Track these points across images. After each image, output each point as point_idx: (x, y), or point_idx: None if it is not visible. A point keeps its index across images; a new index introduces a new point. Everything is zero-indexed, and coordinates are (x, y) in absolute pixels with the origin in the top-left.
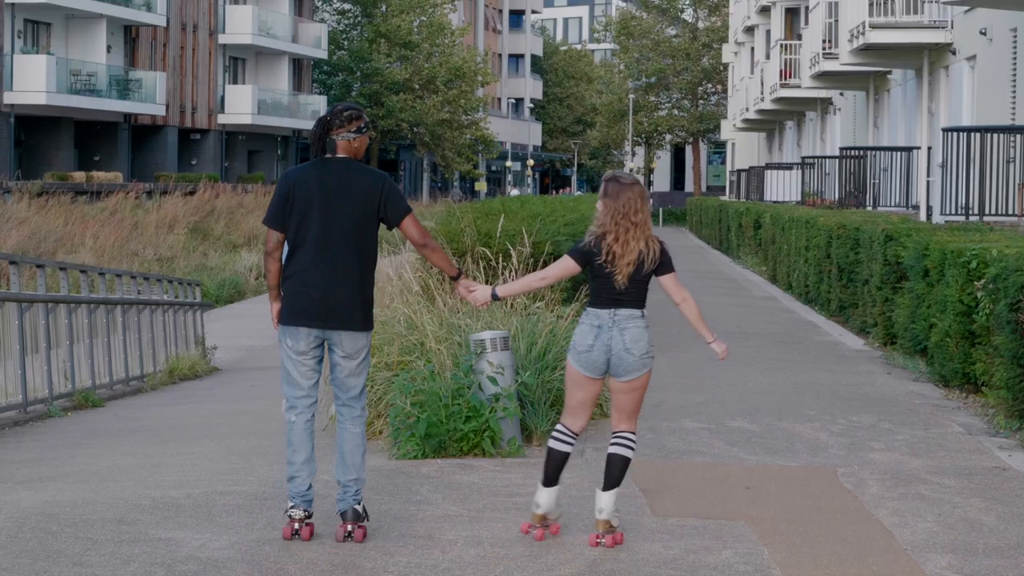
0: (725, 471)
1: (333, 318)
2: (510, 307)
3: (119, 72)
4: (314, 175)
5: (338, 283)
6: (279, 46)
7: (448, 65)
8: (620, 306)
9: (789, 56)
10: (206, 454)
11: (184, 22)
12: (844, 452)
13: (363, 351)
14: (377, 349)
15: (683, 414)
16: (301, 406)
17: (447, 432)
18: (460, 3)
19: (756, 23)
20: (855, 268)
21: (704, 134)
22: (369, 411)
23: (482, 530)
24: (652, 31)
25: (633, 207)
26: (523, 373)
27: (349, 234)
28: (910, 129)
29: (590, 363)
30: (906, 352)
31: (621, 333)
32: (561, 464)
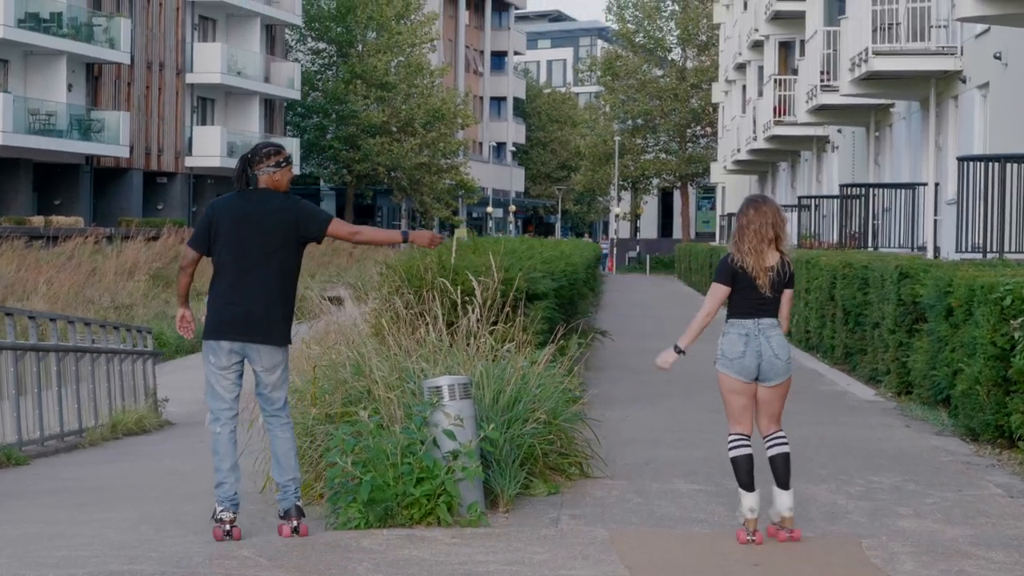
0: (728, 544)
1: (252, 333)
2: (475, 351)
3: (80, 112)
4: (237, 204)
5: (257, 301)
6: (250, 86)
7: (427, 107)
8: (762, 315)
9: (783, 92)
10: (116, 522)
11: (149, 60)
12: (867, 519)
13: (281, 365)
14: (318, 398)
15: (676, 473)
16: (224, 418)
17: (395, 497)
18: (440, 44)
19: (748, 59)
20: (863, 310)
21: (693, 178)
22: (309, 471)
23: None
24: (638, 71)
25: (772, 227)
26: (486, 426)
27: (268, 257)
28: (915, 165)
29: (744, 369)
30: (925, 403)
31: (768, 340)
32: (751, 468)
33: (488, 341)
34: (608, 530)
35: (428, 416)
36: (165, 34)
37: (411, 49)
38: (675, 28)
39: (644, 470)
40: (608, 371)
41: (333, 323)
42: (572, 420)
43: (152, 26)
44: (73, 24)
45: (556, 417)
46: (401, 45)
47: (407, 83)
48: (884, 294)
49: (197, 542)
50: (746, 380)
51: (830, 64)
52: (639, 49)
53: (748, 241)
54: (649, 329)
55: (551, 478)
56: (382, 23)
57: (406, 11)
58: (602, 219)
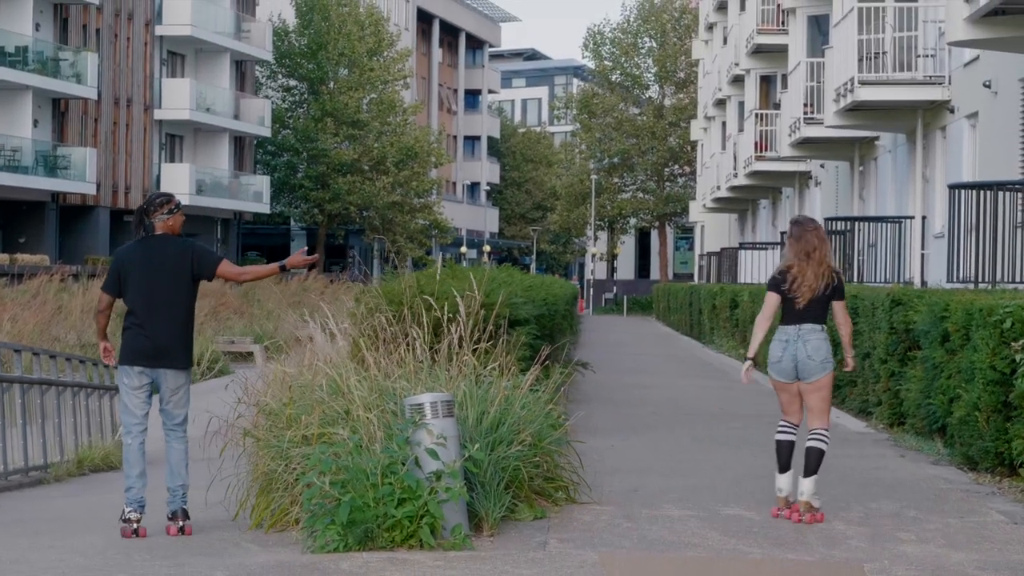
0: (724, 568)
1: (160, 359)
2: (457, 371)
3: (46, 148)
4: (139, 251)
5: (163, 335)
6: (219, 123)
7: (399, 145)
8: (804, 322)
9: (765, 127)
10: (81, 548)
11: (117, 95)
12: (867, 544)
13: (184, 386)
14: (293, 420)
15: (666, 499)
16: (135, 431)
17: (375, 518)
18: (413, 82)
19: (728, 94)
20: (854, 341)
21: (671, 217)
22: (284, 495)
23: None
24: (615, 109)
25: (812, 245)
26: (471, 446)
27: (169, 294)
28: (901, 199)
29: (782, 371)
30: (919, 433)
31: (804, 344)
32: (790, 452)
33: (471, 362)
34: (598, 553)
35: (410, 435)
36: (133, 69)
37: (383, 86)
38: (652, 65)
39: (632, 496)
40: (590, 403)
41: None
42: (558, 444)
43: (120, 61)
44: (39, 58)
45: (541, 440)
46: (373, 82)
47: (379, 120)
48: (875, 323)
49: (167, 566)
50: (786, 380)
51: (813, 96)
52: (616, 86)
53: (792, 260)
54: (629, 365)
55: (537, 503)
56: (354, 59)
57: (378, 47)
58: (578, 260)
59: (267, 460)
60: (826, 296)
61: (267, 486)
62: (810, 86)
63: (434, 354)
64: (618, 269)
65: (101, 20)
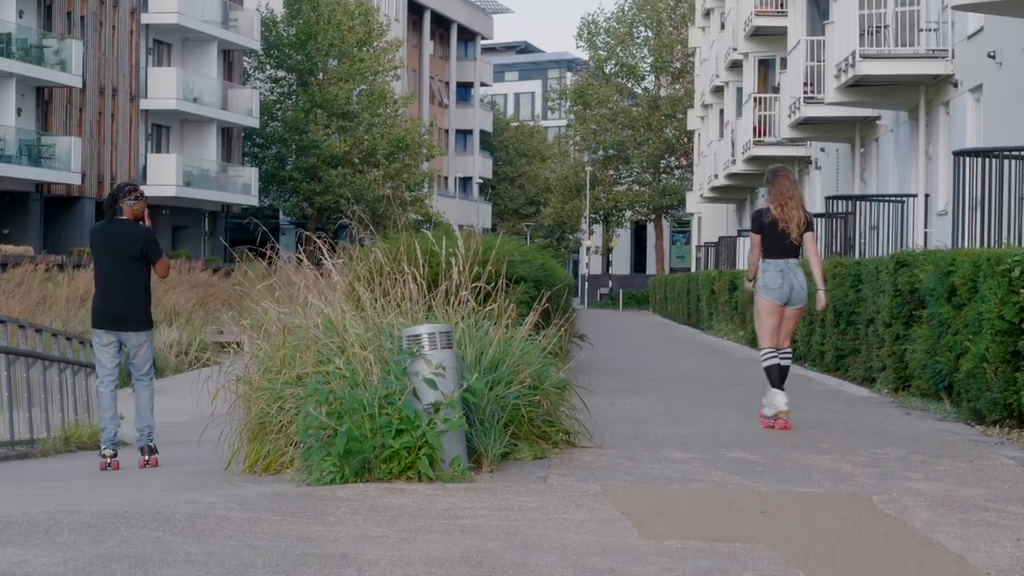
0: (731, 497)
1: (121, 323)
2: (453, 310)
3: (30, 137)
4: (107, 230)
5: (121, 302)
6: (207, 112)
7: (390, 136)
8: (789, 256)
9: (763, 112)
10: (72, 488)
11: (102, 84)
12: (876, 481)
13: (145, 343)
14: (288, 361)
15: (668, 445)
16: (107, 380)
17: (372, 449)
18: (404, 74)
19: (726, 80)
20: (856, 309)
21: (667, 210)
22: (278, 437)
23: (414, 551)
24: (610, 100)
25: (787, 189)
26: (469, 376)
27: (127, 269)
28: (903, 179)
29: (781, 295)
30: (925, 395)
31: (796, 276)
32: (780, 373)
33: (469, 301)
34: (601, 485)
35: (407, 366)
36: (118, 58)
37: (374, 77)
38: (648, 55)
39: (634, 443)
40: (589, 373)
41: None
42: (558, 387)
43: (105, 49)
44: (23, 45)
45: (541, 382)
46: (363, 73)
47: (370, 112)
48: (879, 287)
49: (159, 495)
50: (780, 303)
51: (814, 76)
52: (611, 77)
53: (771, 202)
54: (626, 345)
55: (537, 444)
56: (344, 50)
57: (368, 38)
58: (572, 257)
59: (260, 403)
60: (801, 233)
61: (260, 431)
62: (810, 66)
63: (431, 300)
64: (613, 264)
65: (86, 8)
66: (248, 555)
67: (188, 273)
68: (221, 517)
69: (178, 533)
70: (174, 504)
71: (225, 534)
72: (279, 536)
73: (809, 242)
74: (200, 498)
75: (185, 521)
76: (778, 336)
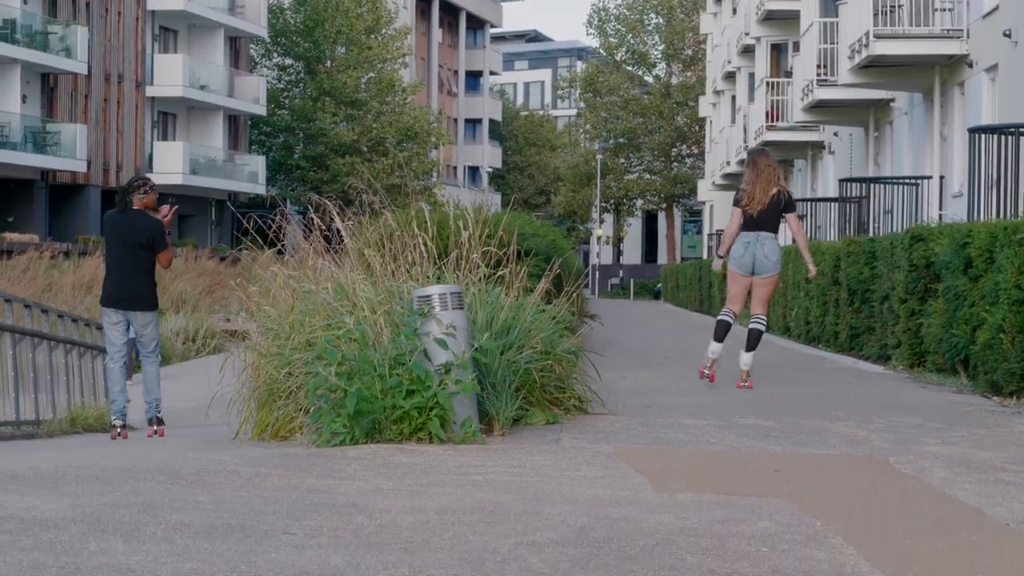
0: (745, 458)
1: (128, 304)
2: (464, 275)
3: (35, 124)
4: (118, 219)
5: (129, 284)
6: (213, 100)
7: (398, 125)
8: (760, 229)
9: (776, 96)
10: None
11: (108, 71)
12: (892, 445)
13: (150, 323)
14: (296, 326)
15: (681, 413)
16: (116, 357)
17: (383, 410)
18: (412, 62)
19: (738, 66)
20: (870, 286)
21: (679, 199)
22: (287, 403)
23: (425, 501)
24: (621, 88)
25: (763, 167)
26: (480, 336)
27: (134, 255)
28: (917, 162)
29: (743, 265)
30: (940, 370)
31: (761, 247)
32: (726, 331)
33: (480, 266)
34: (614, 447)
35: (418, 326)
36: (124, 44)
37: (382, 65)
38: (659, 42)
39: (647, 410)
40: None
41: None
42: (570, 352)
43: (111, 36)
44: (27, 32)
45: (553, 348)
46: (372, 60)
47: (378, 100)
48: (894, 262)
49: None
50: (743, 273)
51: (827, 59)
52: (621, 65)
53: (748, 181)
54: (638, 328)
55: (549, 409)
56: (352, 37)
57: (377, 25)
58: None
59: (269, 370)
60: (779, 210)
61: (268, 398)
62: (823, 48)
63: (442, 265)
64: (624, 253)
65: None
66: (258, 504)
67: (195, 261)
68: (231, 472)
69: (187, 485)
70: (183, 461)
71: (234, 486)
72: (289, 488)
73: (792, 220)
74: (209, 456)
75: (194, 475)
76: (742, 302)
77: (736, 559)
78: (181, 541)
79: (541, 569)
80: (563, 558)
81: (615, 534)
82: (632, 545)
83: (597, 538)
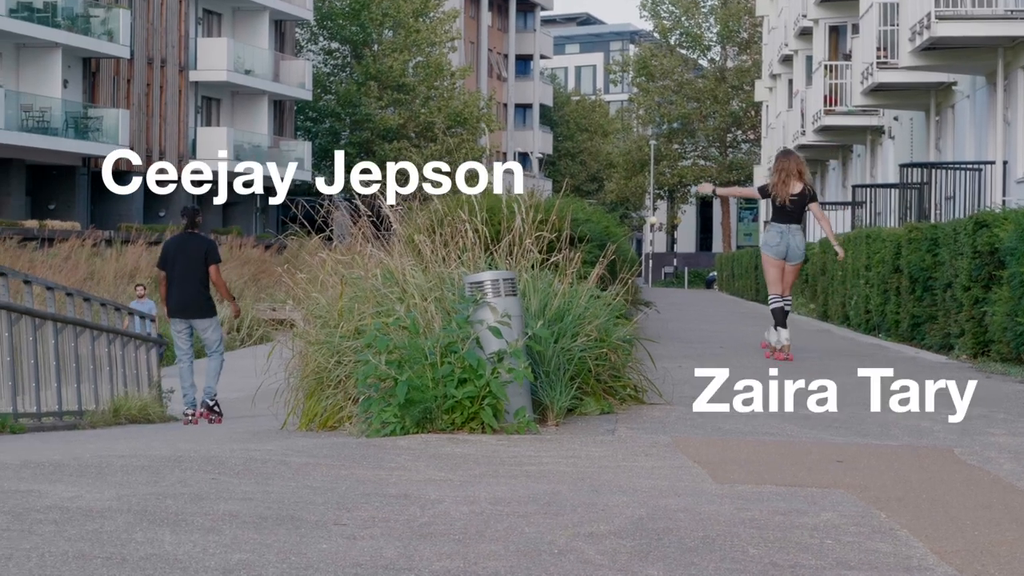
0: (805, 448)
1: (189, 313)
2: (516, 261)
3: (77, 109)
4: (180, 241)
5: (189, 295)
6: (258, 85)
7: (447, 110)
8: (790, 222)
9: (834, 80)
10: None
11: (151, 55)
12: (957, 436)
13: (210, 327)
14: (345, 313)
15: (741, 402)
16: (185, 359)
17: (434, 399)
18: (461, 45)
19: (795, 49)
20: (933, 274)
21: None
22: (336, 393)
23: (479, 491)
24: (675, 71)
25: (790, 166)
26: (534, 324)
27: (192, 271)
28: (980, 147)
29: (778, 252)
30: (1005, 359)
31: (793, 237)
32: (784, 313)
33: (533, 252)
34: (672, 437)
35: (470, 314)
36: (167, 28)
37: (430, 48)
38: (714, 24)
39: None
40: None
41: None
42: (625, 340)
43: (153, 19)
44: (69, 15)
45: (608, 335)
46: (419, 44)
47: (426, 85)
48: (957, 249)
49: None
50: (778, 259)
51: (887, 41)
52: (675, 48)
53: (774, 177)
54: (693, 316)
55: (604, 398)
56: (399, 20)
57: (425, 8)
58: (635, 235)
59: (317, 358)
60: (803, 203)
61: (316, 388)
62: (883, 30)
63: (493, 251)
64: (678, 241)
65: None
66: (307, 494)
67: (239, 249)
68: (279, 462)
69: (235, 475)
70: (230, 451)
71: (283, 476)
72: (339, 479)
73: (814, 208)
74: (256, 446)
75: (242, 465)
76: (781, 285)
77: (799, 551)
78: (229, 531)
79: (599, 561)
80: (621, 549)
81: (674, 525)
82: (692, 536)
83: (656, 529)
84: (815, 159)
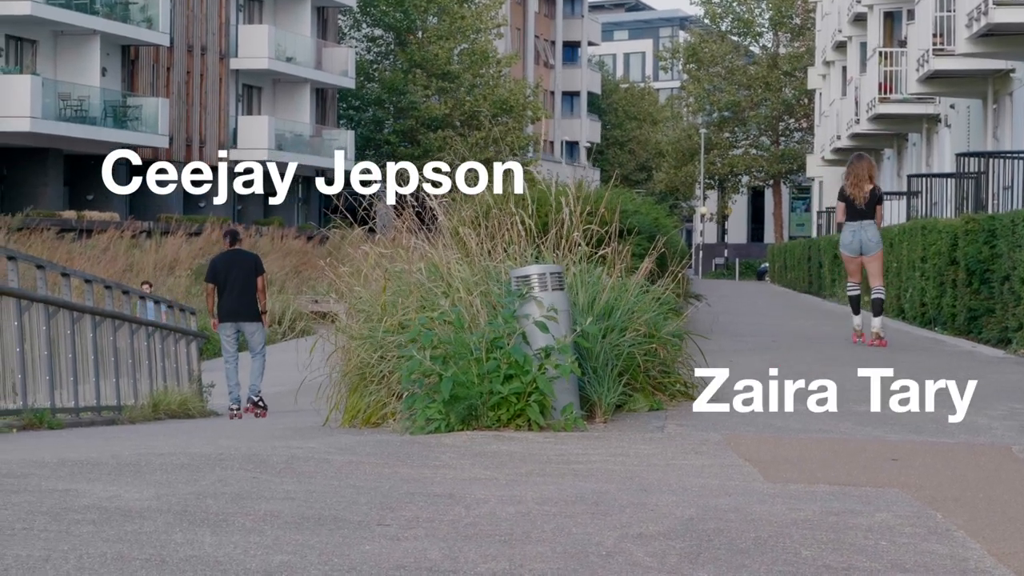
0: (860, 445)
1: (239, 317)
2: (564, 254)
3: (116, 97)
4: (228, 257)
5: (240, 303)
6: (300, 72)
7: (493, 98)
8: (863, 218)
9: (889, 67)
10: (163, 440)
11: (191, 43)
12: (1015, 434)
13: (257, 331)
14: (389, 308)
15: (794, 399)
16: (230, 360)
17: (479, 395)
18: (507, 31)
19: (849, 35)
20: (991, 266)
21: (786, 175)
22: (379, 388)
23: (525, 491)
24: (726, 58)
25: (862, 171)
26: (582, 320)
27: (241, 281)
28: None
29: (852, 249)
30: None
31: (865, 232)
32: (858, 302)
33: (581, 245)
34: (722, 435)
35: (517, 309)
36: (207, 15)
37: (476, 35)
38: (766, 10)
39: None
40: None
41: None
42: (675, 336)
43: (193, 5)
44: (107, 1)
45: (657, 330)
46: (465, 31)
47: (472, 72)
48: (1016, 240)
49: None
50: (853, 255)
51: (944, 27)
52: (726, 34)
53: (848, 179)
54: (744, 309)
55: (653, 395)
56: (444, 7)
57: None
58: (685, 227)
59: (360, 353)
60: (874, 201)
61: (360, 383)
62: (940, 16)
63: (540, 244)
64: (729, 232)
65: None
66: (350, 494)
67: (281, 241)
68: (321, 460)
69: (276, 474)
70: (272, 449)
71: (325, 475)
72: (382, 478)
73: (878, 211)
74: (298, 444)
75: (283, 464)
76: (860, 276)
77: (853, 553)
78: (271, 532)
79: (648, 563)
80: (671, 551)
81: (725, 526)
82: (743, 537)
83: (706, 530)
84: (869, 148)
